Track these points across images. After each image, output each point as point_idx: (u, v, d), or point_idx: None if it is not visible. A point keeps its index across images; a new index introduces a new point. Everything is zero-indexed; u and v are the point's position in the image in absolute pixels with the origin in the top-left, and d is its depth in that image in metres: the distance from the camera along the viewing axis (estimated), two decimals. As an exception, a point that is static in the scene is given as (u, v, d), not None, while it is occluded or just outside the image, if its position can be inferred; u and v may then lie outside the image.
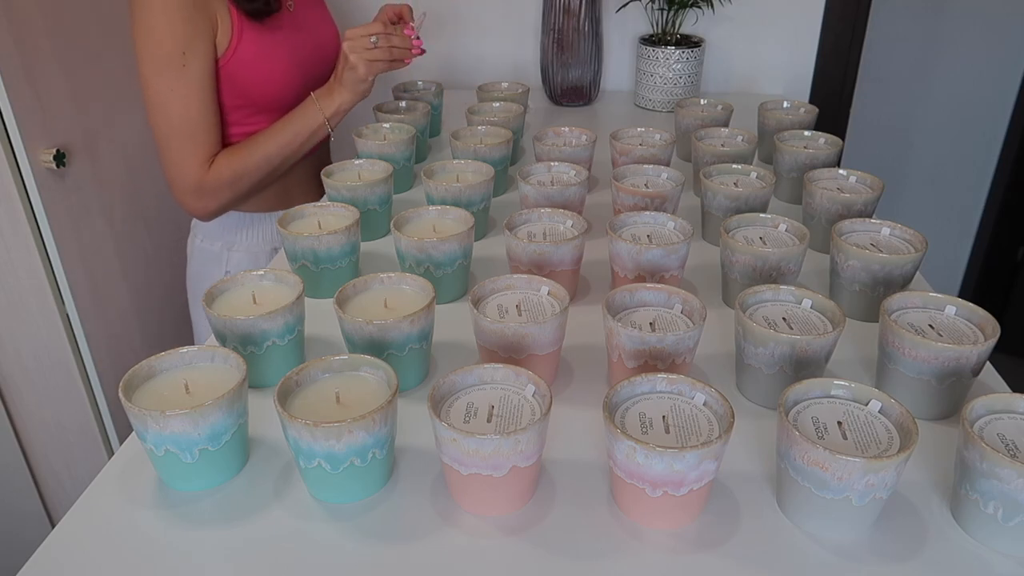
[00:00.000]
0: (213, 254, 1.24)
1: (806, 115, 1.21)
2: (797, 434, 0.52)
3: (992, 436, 0.54)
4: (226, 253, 1.23)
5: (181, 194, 1.10)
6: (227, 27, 1.06)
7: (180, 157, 1.06)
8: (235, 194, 1.12)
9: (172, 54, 1.01)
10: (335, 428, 0.53)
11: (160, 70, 1.02)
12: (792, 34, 1.62)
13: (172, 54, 1.01)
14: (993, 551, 0.54)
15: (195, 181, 1.08)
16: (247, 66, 1.09)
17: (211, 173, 1.08)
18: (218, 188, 1.10)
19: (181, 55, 1.02)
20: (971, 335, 0.66)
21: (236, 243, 1.23)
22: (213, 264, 1.24)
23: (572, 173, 1.00)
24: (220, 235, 1.22)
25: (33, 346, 1.36)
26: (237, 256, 1.23)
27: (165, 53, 1.01)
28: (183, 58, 1.02)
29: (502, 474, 0.54)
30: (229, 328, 0.68)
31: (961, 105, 2.26)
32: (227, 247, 1.23)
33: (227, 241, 1.23)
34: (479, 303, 0.71)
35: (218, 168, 1.09)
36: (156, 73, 1.02)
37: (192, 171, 1.07)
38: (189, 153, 1.06)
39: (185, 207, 1.12)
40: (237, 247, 1.23)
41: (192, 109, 1.05)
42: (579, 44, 1.49)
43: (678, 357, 0.66)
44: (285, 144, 1.11)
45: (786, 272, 0.80)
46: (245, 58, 1.08)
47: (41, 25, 1.27)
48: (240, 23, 1.07)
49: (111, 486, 0.61)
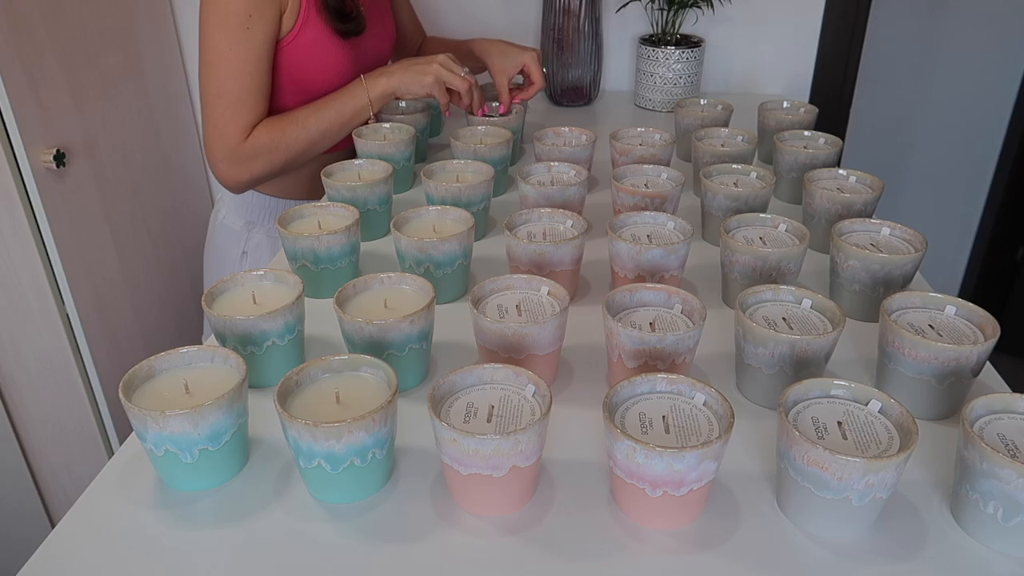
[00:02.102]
0: (234, 232, 1.26)
1: (806, 115, 1.21)
2: (797, 434, 0.52)
3: (992, 436, 0.54)
4: (246, 233, 1.25)
5: (216, 159, 1.09)
6: (295, 10, 1.08)
7: (223, 120, 1.06)
8: (268, 166, 1.10)
9: (239, 13, 1.02)
10: (335, 428, 0.53)
11: (224, 26, 1.03)
12: (792, 34, 1.62)
13: (239, 13, 1.02)
14: (993, 551, 0.54)
15: (232, 147, 1.07)
16: (305, 53, 1.10)
17: (248, 141, 1.08)
18: (252, 156, 1.08)
19: (248, 17, 1.03)
20: (971, 335, 0.66)
21: (258, 224, 1.25)
22: (232, 242, 1.26)
23: (572, 173, 1.00)
24: (243, 213, 1.25)
25: (33, 346, 1.36)
26: (257, 237, 1.25)
27: (233, 10, 1.02)
28: (249, 20, 1.03)
29: (502, 474, 0.54)
30: (229, 328, 0.68)
31: (961, 105, 2.26)
32: (248, 227, 1.25)
33: (249, 220, 1.25)
34: (479, 303, 0.71)
35: (256, 136, 1.08)
36: (219, 29, 1.03)
37: (232, 136, 1.07)
38: (232, 118, 1.06)
39: (218, 173, 1.10)
40: (258, 228, 1.25)
41: (245, 73, 1.05)
42: (579, 44, 1.49)
43: (678, 357, 0.66)
44: (326, 120, 1.10)
45: (786, 272, 0.80)
46: (305, 44, 1.09)
47: (41, 25, 1.27)
48: (308, 10, 1.09)
49: (111, 486, 0.61)
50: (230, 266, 1.29)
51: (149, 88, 1.60)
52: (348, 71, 1.15)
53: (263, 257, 1.25)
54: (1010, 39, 2.15)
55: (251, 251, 1.25)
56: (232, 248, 1.27)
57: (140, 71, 1.56)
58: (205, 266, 1.36)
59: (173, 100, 1.70)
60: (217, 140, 1.08)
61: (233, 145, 1.07)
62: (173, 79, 1.70)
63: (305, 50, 1.10)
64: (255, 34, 1.04)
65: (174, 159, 1.71)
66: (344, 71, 1.15)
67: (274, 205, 1.24)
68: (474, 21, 1.66)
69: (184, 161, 1.76)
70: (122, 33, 1.50)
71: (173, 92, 1.70)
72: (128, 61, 1.52)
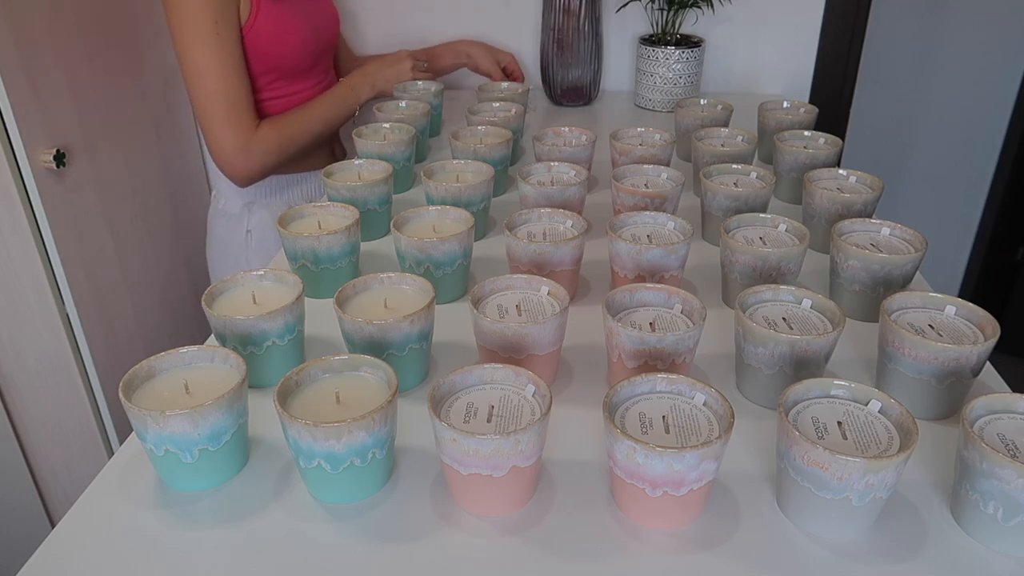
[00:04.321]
0: (234, 216, 1.31)
1: (806, 115, 1.21)
2: (797, 434, 0.52)
3: (992, 436, 0.54)
4: (247, 213, 1.31)
5: (229, 156, 1.16)
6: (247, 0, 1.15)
7: (224, 122, 1.14)
8: (280, 158, 1.21)
9: (207, 21, 1.10)
10: (335, 428, 0.53)
11: (198, 41, 1.10)
12: (792, 34, 1.62)
13: (207, 21, 1.10)
14: (993, 551, 0.54)
15: (242, 142, 1.16)
16: (267, 34, 1.18)
17: (258, 137, 1.17)
18: (265, 152, 1.18)
19: (215, 24, 1.10)
20: (971, 335, 0.66)
21: (257, 202, 1.31)
22: (234, 225, 1.32)
23: (572, 173, 1.00)
24: (242, 196, 1.30)
25: (33, 346, 1.36)
26: (259, 214, 1.31)
27: (201, 24, 1.09)
28: (216, 27, 1.10)
29: (502, 474, 0.54)
30: (229, 328, 0.68)
31: (961, 105, 2.26)
32: (248, 207, 1.31)
33: (247, 201, 1.31)
34: (479, 303, 0.71)
35: (265, 134, 1.18)
36: (194, 45, 1.10)
37: (238, 134, 1.15)
38: (233, 117, 1.15)
39: (231, 170, 1.18)
40: (258, 206, 1.31)
41: (230, 74, 1.13)
42: (579, 44, 1.49)
43: (678, 357, 0.66)
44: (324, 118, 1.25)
45: (786, 272, 0.80)
46: (264, 27, 1.18)
47: (41, 25, 1.27)
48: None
49: (111, 486, 0.61)
50: (234, 252, 1.33)
51: (149, 88, 1.60)
52: (308, 40, 1.25)
53: (268, 232, 1.31)
54: (1010, 39, 2.15)
55: (255, 228, 1.31)
56: (235, 232, 1.31)
57: (140, 71, 1.56)
58: (209, 261, 1.39)
59: (173, 100, 1.70)
60: (224, 140, 1.15)
61: (243, 141, 1.15)
62: (173, 79, 1.70)
63: (266, 31, 1.18)
64: (225, 37, 1.12)
65: (174, 159, 1.71)
66: (305, 41, 1.25)
67: (271, 180, 1.31)
68: (474, 21, 1.66)
69: (184, 161, 1.76)
70: (122, 33, 1.50)
71: (173, 92, 1.70)
72: (128, 61, 1.52)
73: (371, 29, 1.69)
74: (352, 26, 1.68)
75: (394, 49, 1.62)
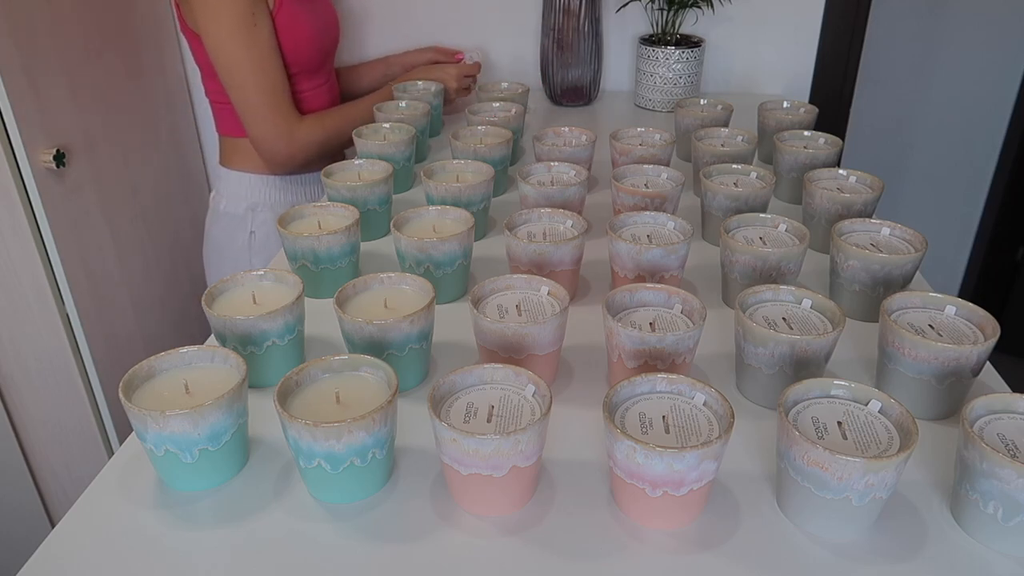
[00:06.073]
0: (237, 217, 1.32)
1: (806, 115, 1.21)
2: (797, 434, 0.52)
3: (992, 436, 0.54)
4: (251, 215, 1.32)
5: (275, 141, 1.21)
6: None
7: (268, 109, 1.18)
8: (322, 150, 1.26)
9: (244, 15, 1.13)
10: (335, 428, 0.53)
11: (235, 32, 1.13)
12: (792, 34, 1.62)
13: (244, 15, 1.13)
14: (993, 551, 0.54)
15: (284, 130, 1.20)
16: (286, 30, 1.21)
17: (303, 126, 1.23)
18: (308, 144, 1.24)
19: (251, 15, 1.13)
20: (971, 335, 0.66)
21: (261, 203, 1.32)
22: (237, 227, 1.33)
23: (572, 173, 1.00)
24: (245, 196, 1.32)
25: (33, 346, 1.36)
26: (263, 215, 1.32)
27: (239, 16, 1.12)
28: (253, 18, 1.13)
29: (502, 474, 0.54)
30: (229, 328, 0.68)
31: (961, 105, 2.26)
32: (251, 208, 1.32)
33: (251, 203, 1.32)
34: (479, 303, 0.71)
35: (311, 124, 1.24)
36: (232, 36, 1.13)
37: (280, 121, 1.20)
38: (275, 104, 1.18)
39: (277, 156, 1.23)
40: (261, 207, 1.32)
41: (268, 63, 1.17)
42: (579, 44, 1.49)
43: (678, 357, 0.66)
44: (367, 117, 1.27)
45: (786, 272, 0.80)
46: (284, 23, 1.20)
47: (41, 25, 1.27)
48: None
49: (111, 486, 0.61)
50: (234, 254, 1.33)
51: (149, 88, 1.60)
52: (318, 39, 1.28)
53: (271, 233, 1.32)
54: (1010, 39, 2.15)
55: (258, 229, 1.33)
56: (237, 234, 1.32)
57: (140, 71, 1.56)
58: (206, 261, 1.39)
59: (173, 100, 1.70)
60: (271, 126, 1.19)
61: (289, 126, 1.21)
62: (173, 79, 1.70)
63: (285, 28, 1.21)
64: (261, 28, 1.15)
65: (174, 159, 1.71)
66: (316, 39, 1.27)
67: (274, 182, 1.32)
68: (474, 21, 1.66)
69: (184, 161, 1.76)
70: (122, 33, 1.50)
71: (173, 92, 1.70)
72: (128, 61, 1.52)
73: (371, 29, 1.69)
74: (352, 26, 1.68)
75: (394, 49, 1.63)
